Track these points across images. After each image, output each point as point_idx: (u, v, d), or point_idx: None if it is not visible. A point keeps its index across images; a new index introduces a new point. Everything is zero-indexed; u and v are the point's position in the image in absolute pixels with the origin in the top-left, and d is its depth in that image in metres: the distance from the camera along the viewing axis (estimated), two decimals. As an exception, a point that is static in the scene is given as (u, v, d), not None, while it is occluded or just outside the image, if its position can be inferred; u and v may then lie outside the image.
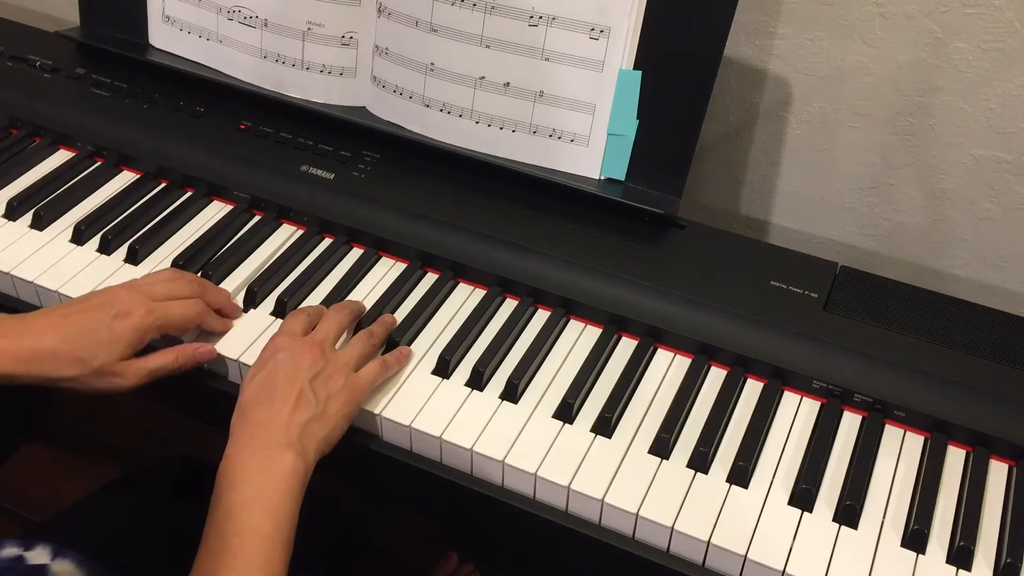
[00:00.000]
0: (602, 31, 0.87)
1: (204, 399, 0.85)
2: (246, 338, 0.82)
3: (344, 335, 0.81)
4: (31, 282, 0.87)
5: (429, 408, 0.78)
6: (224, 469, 0.68)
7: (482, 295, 0.88)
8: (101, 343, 0.74)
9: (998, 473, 0.76)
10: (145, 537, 0.93)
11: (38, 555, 0.81)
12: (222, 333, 0.82)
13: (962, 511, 0.72)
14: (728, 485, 0.74)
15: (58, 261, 0.89)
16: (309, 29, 0.97)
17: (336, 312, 0.80)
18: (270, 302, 0.86)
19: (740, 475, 0.74)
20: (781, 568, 0.68)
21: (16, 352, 0.72)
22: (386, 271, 0.90)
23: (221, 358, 0.81)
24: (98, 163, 1.01)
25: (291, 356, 0.74)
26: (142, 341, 0.77)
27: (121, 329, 0.75)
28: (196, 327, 0.81)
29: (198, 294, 0.81)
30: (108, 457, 1.46)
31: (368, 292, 0.88)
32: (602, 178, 0.92)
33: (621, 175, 0.91)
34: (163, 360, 0.77)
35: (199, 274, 0.87)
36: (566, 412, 0.78)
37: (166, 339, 0.80)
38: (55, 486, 1.45)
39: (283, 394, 0.71)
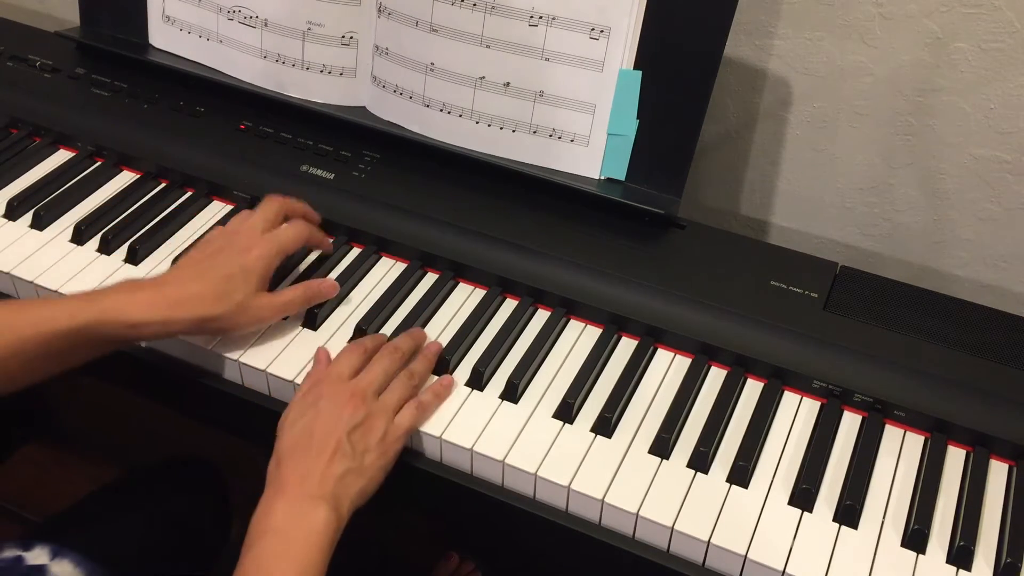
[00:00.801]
0: (602, 31, 0.87)
1: (204, 399, 0.85)
2: (246, 338, 0.82)
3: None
4: (31, 282, 0.87)
5: (429, 408, 0.78)
6: (258, 517, 0.68)
7: (482, 295, 0.88)
8: (237, 279, 0.77)
9: (998, 473, 0.76)
10: (144, 538, 0.93)
11: (37, 556, 0.81)
12: (327, 248, 0.89)
13: (962, 511, 0.72)
14: (728, 485, 0.74)
15: (58, 261, 0.89)
16: (309, 29, 0.97)
17: (386, 358, 0.78)
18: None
19: (740, 475, 0.74)
20: (781, 568, 0.68)
21: (167, 299, 0.75)
22: (386, 271, 0.90)
23: (221, 357, 0.81)
24: (98, 163, 1.01)
25: (332, 406, 0.73)
26: (269, 270, 0.80)
27: (250, 263, 0.78)
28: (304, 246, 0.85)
29: (290, 211, 0.85)
30: (108, 457, 1.46)
31: (368, 292, 0.88)
32: (602, 178, 0.92)
33: (621, 175, 0.91)
34: (294, 294, 0.81)
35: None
36: (566, 412, 0.78)
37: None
38: (55, 486, 1.45)
39: (321, 446, 0.70)
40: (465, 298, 0.88)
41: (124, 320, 0.73)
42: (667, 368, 0.82)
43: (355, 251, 0.92)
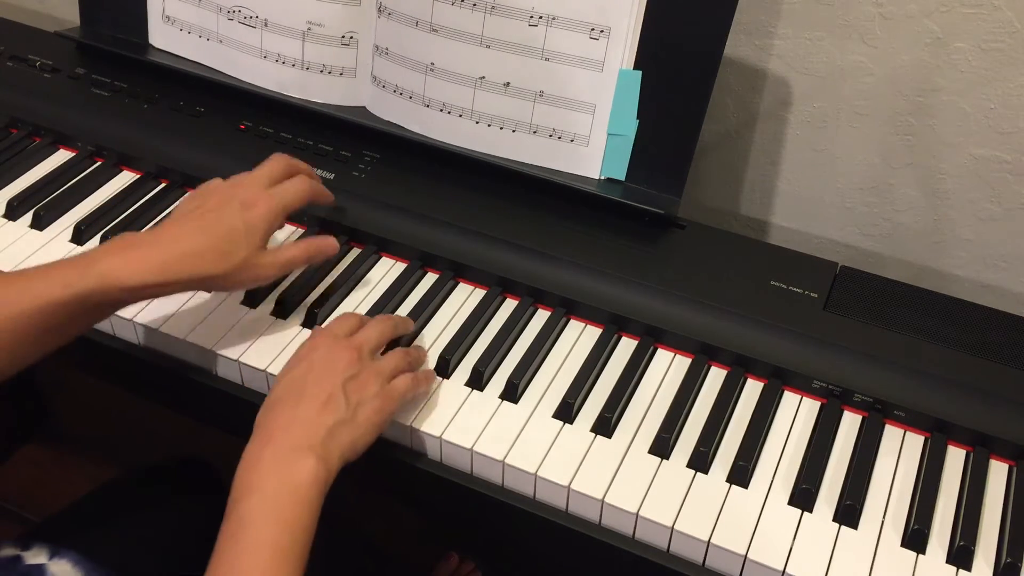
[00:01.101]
0: (602, 31, 0.87)
1: (204, 399, 0.85)
2: (245, 338, 0.82)
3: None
4: (31, 282, 0.87)
5: (429, 408, 0.78)
6: (242, 469, 0.66)
7: (482, 295, 0.88)
8: (239, 236, 0.75)
9: (998, 473, 0.76)
10: (143, 538, 0.93)
11: (35, 555, 0.81)
12: (331, 203, 0.87)
13: (962, 511, 0.72)
14: (728, 485, 0.74)
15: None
16: (309, 29, 0.97)
17: (380, 322, 0.78)
18: (270, 302, 0.86)
19: (740, 475, 0.74)
20: (781, 568, 0.68)
21: (165, 257, 0.72)
22: (386, 271, 0.90)
23: (221, 357, 0.81)
24: (98, 163, 1.01)
25: (327, 355, 0.72)
26: (273, 227, 0.78)
27: (253, 219, 0.76)
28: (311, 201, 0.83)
29: (294, 170, 0.83)
30: (108, 457, 1.46)
31: (368, 292, 0.88)
32: (602, 178, 0.92)
33: (621, 175, 0.91)
34: (295, 252, 0.79)
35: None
36: (566, 412, 0.78)
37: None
38: (55, 486, 1.45)
39: (312, 393, 0.69)
40: (465, 298, 0.88)
41: (122, 285, 0.70)
42: (667, 368, 0.82)
43: (355, 251, 0.92)
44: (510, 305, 0.87)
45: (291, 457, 0.66)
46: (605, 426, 0.77)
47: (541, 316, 0.86)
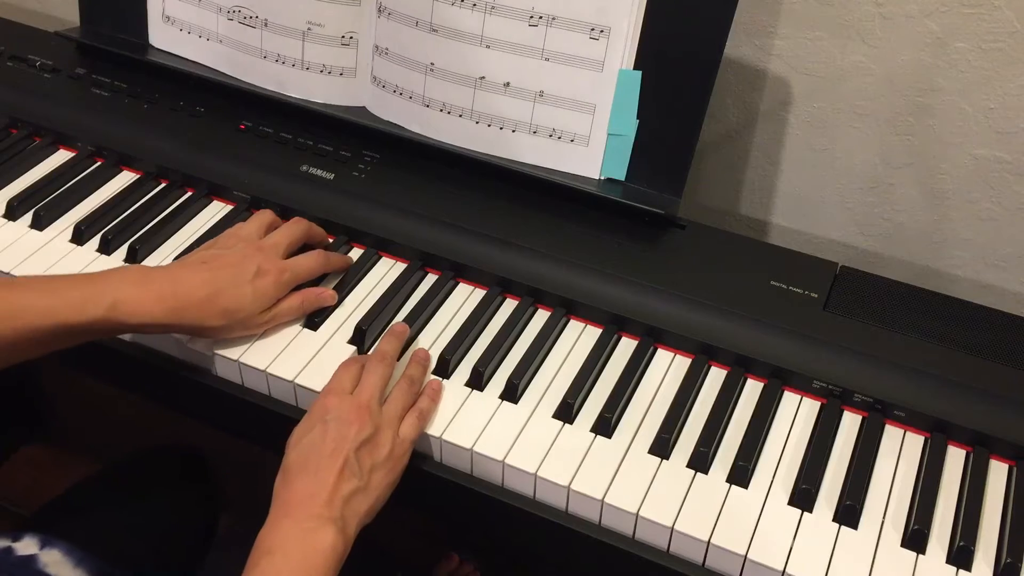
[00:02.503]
0: (602, 31, 0.87)
1: (204, 399, 0.85)
2: (246, 339, 0.82)
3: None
4: (31, 282, 0.87)
5: (429, 408, 0.78)
6: (263, 535, 0.67)
7: (482, 295, 0.88)
8: (246, 299, 0.78)
9: (998, 473, 0.76)
10: (133, 526, 0.93)
11: (26, 546, 0.81)
12: (346, 268, 0.89)
13: (962, 511, 0.72)
14: (728, 485, 0.74)
15: (58, 261, 0.89)
16: (309, 29, 0.97)
17: (378, 365, 0.77)
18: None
19: (740, 475, 0.74)
20: (781, 568, 0.68)
21: (175, 301, 0.75)
22: (386, 271, 0.90)
23: (221, 358, 0.81)
24: (98, 163, 1.01)
25: (338, 422, 0.72)
26: (278, 296, 0.81)
27: (263, 287, 0.79)
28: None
29: (311, 238, 0.87)
30: (108, 457, 1.46)
31: (368, 292, 0.88)
32: (602, 178, 0.92)
33: (621, 175, 0.91)
34: (292, 304, 0.82)
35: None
36: (566, 412, 0.78)
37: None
38: (55, 486, 1.45)
39: (328, 464, 0.69)
40: (465, 298, 0.88)
41: (129, 320, 0.74)
42: (667, 368, 0.82)
43: (355, 251, 0.92)
44: (510, 305, 0.87)
45: (312, 527, 0.67)
46: (605, 426, 0.77)
47: (541, 316, 0.86)
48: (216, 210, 0.96)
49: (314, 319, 0.84)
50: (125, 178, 0.99)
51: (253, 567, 0.65)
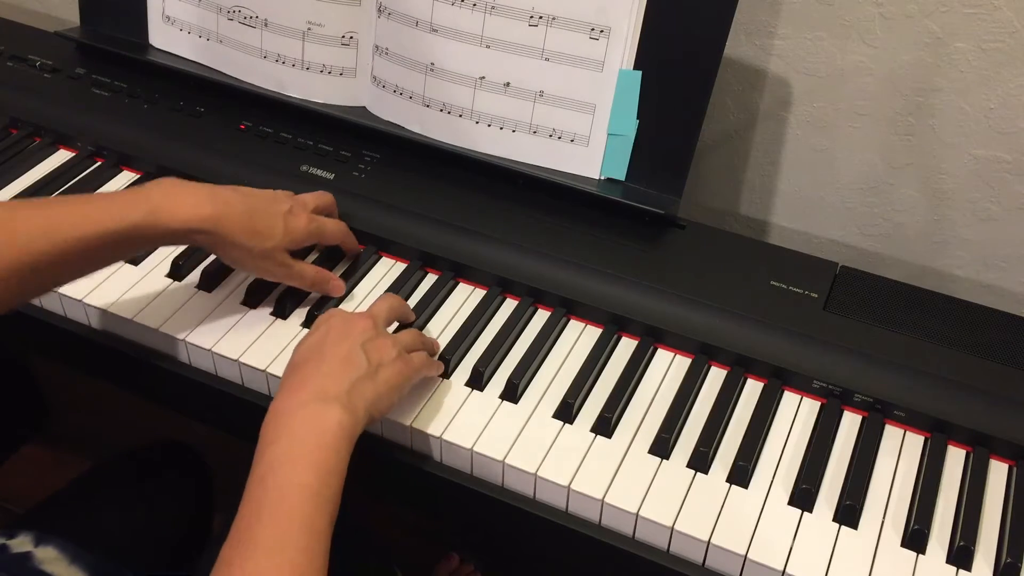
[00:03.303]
0: (602, 31, 0.87)
1: (203, 399, 0.85)
2: (247, 339, 0.82)
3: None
4: (31, 282, 0.87)
5: (429, 408, 0.78)
6: (268, 421, 0.67)
7: (482, 295, 0.88)
8: (278, 228, 0.79)
9: (998, 473, 0.76)
10: (127, 521, 0.93)
11: (21, 543, 0.82)
12: (357, 253, 0.90)
13: (962, 511, 0.72)
14: (728, 485, 0.74)
15: (58, 261, 0.89)
16: (309, 29, 0.97)
17: (389, 297, 0.80)
18: (270, 303, 0.86)
19: (740, 475, 0.74)
20: (781, 568, 0.68)
21: (213, 211, 0.75)
22: (386, 271, 0.90)
23: (221, 357, 0.81)
24: (98, 163, 1.01)
25: (343, 321, 0.74)
26: (304, 243, 0.82)
27: (293, 225, 0.80)
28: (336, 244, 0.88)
29: (332, 210, 0.88)
30: (107, 457, 1.46)
31: (368, 292, 0.88)
32: (602, 178, 0.92)
33: (621, 175, 0.91)
34: (305, 271, 0.83)
35: (199, 275, 0.87)
36: (566, 412, 0.78)
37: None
38: (55, 486, 1.45)
39: (332, 352, 0.71)
40: (465, 298, 0.88)
41: (168, 224, 0.74)
42: (667, 368, 0.82)
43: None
44: (510, 305, 0.87)
45: (317, 406, 0.67)
46: (605, 426, 0.77)
47: (541, 316, 0.86)
48: (216, 210, 0.96)
49: (314, 314, 0.84)
50: (125, 178, 0.99)
51: (261, 456, 0.65)
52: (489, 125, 0.93)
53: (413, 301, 0.87)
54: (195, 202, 0.75)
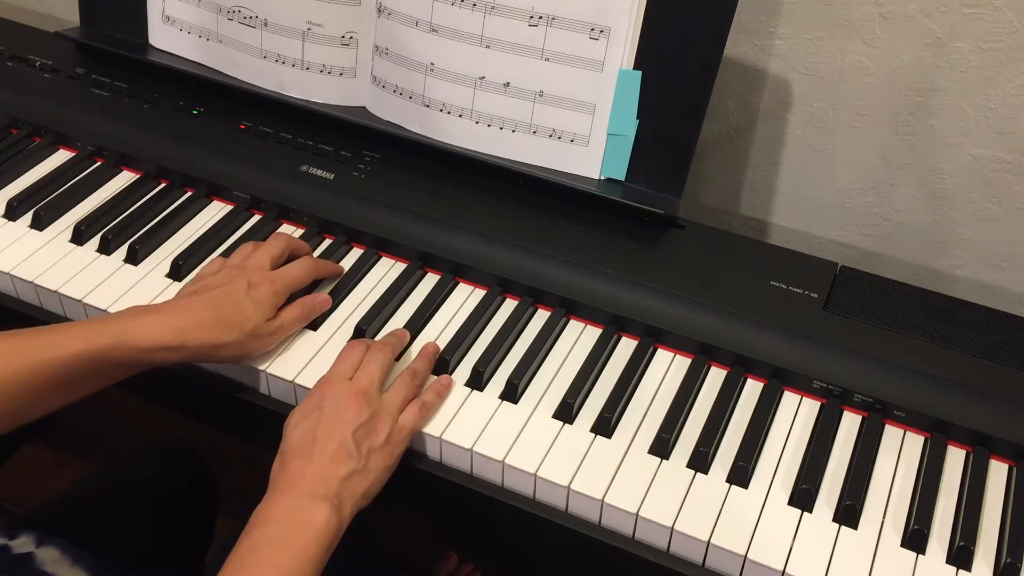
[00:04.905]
0: (602, 31, 0.87)
1: (203, 399, 0.85)
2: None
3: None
4: (31, 282, 0.87)
5: (429, 408, 0.78)
6: (258, 510, 0.68)
7: (482, 295, 0.88)
8: (248, 310, 0.78)
9: (998, 473, 0.76)
10: (129, 522, 0.93)
11: (23, 544, 0.81)
12: (337, 275, 0.88)
13: (962, 511, 0.72)
14: (728, 485, 0.74)
15: (58, 261, 0.89)
16: (309, 29, 0.97)
17: (379, 352, 0.78)
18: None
19: (740, 475, 0.74)
20: (781, 568, 0.68)
21: (180, 323, 0.75)
22: (386, 271, 0.90)
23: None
24: (98, 163, 1.01)
25: (335, 406, 0.72)
26: (277, 305, 0.81)
27: (260, 296, 0.79)
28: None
29: (295, 250, 0.86)
30: (108, 458, 1.46)
31: (368, 292, 0.88)
32: (602, 178, 0.92)
33: (621, 175, 0.91)
34: (294, 313, 0.81)
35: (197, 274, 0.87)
36: (566, 412, 0.78)
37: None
38: (55, 486, 1.45)
39: (323, 446, 0.70)
40: (465, 298, 0.88)
41: (137, 345, 0.73)
42: (667, 368, 0.82)
43: (355, 251, 0.92)
44: (510, 305, 0.87)
45: (306, 503, 0.67)
46: (605, 426, 0.77)
47: (541, 316, 0.86)
48: (216, 210, 0.96)
49: (316, 322, 0.84)
50: (125, 178, 0.99)
51: (246, 536, 0.66)
52: (489, 125, 0.93)
53: (413, 301, 0.87)
54: (160, 320, 0.74)
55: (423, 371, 0.79)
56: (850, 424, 0.79)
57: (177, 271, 0.88)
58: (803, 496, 0.72)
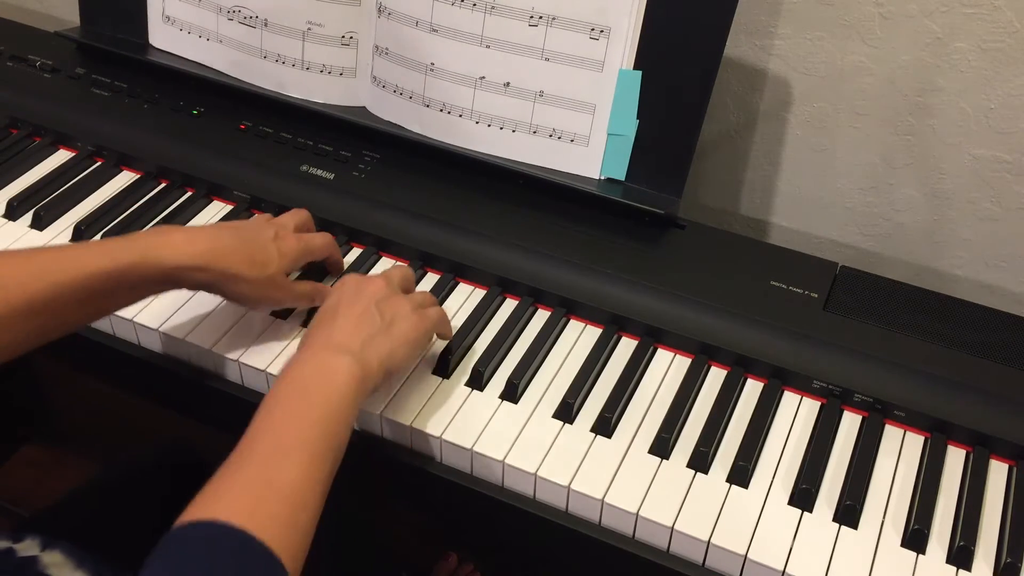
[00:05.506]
0: (602, 31, 0.87)
1: (203, 399, 0.85)
2: (247, 338, 0.82)
3: None
4: (31, 282, 0.87)
5: (429, 408, 0.78)
6: (282, 372, 0.68)
7: (482, 295, 0.88)
8: (273, 254, 0.78)
9: (998, 473, 0.76)
10: (133, 525, 0.93)
11: (28, 547, 0.81)
12: (341, 268, 0.89)
13: (962, 511, 0.72)
14: (728, 485, 0.74)
15: (58, 261, 0.89)
16: (309, 29, 0.97)
17: (401, 266, 0.81)
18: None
19: (740, 475, 0.74)
20: (781, 568, 0.68)
21: (206, 247, 0.75)
22: (386, 271, 0.90)
23: (221, 358, 0.81)
24: (98, 163, 1.01)
25: (357, 283, 0.76)
26: (297, 264, 0.82)
27: (285, 248, 0.80)
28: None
29: (310, 226, 0.87)
30: (108, 457, 1.46)
31: (368, 292, 0.88)
32: (602, 178, 0.92)
33: (621, 175, 0.91)
34: (306, 288, 0.82)
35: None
36: (566, 412, 0.78)
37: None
38: (55, 486, 1.45)
39: (347, 311, 0.72)
40: (465, 298, 0.88)
41: (162, 262, 0.73)
42: (667, 368, 0.82)
43: (355, 251, 0.92)
44: (510, 305, 0.87)
45: (328, 355, 0.68)
46: (605, 426, 0.77)
47: (541, 316, 0.86)
48: (216, 210, 0.96)
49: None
50: (125, 178, 0.99)
51: (271, 394, 0.66)
52: (489, 125, 0.93)
53: (413, 301, 0.87)
54: (187, 239, 0.75)
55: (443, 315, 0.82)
56: (850, 424, 0.79)
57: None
58: (803, 496, 0.72)
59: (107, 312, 0.76)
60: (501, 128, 0.93)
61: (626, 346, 0.84)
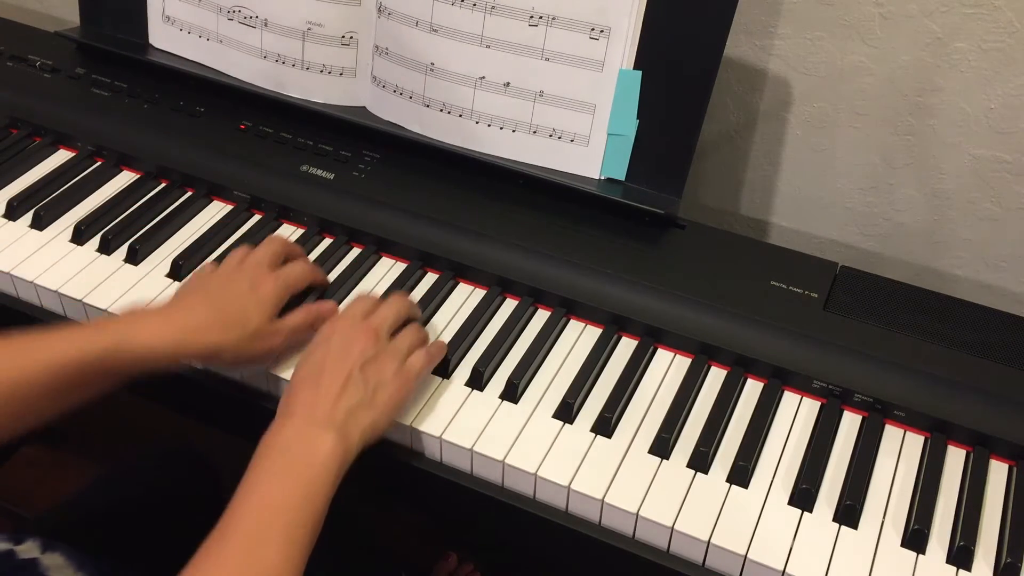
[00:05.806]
0: (602, 31, 0.87)
1: (205, 399, 0.85)
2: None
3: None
4: (31, 282, 0.87)
5: (429, 408, 0.78)
6: (265, 438, 0.68)
7: (482, 295, 0.88)
8: (251, 308, 0.77)
9: (998, 473, 0.76)
10: (134, 528, 0.93)
11: (28, 549, 0.81)
12: (326, 284, 0.87)
13: (962, 511, 0.72)
14: (728, 485, 0.74)
15: (58, 261, 0.89)
16: (309, 29, 0.97)
17: (396, 301, 0.80)
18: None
19: (740, 475, 0.74)
20: (781, 568, 0.68)
21: (179, 325, 0.74)
22: (386, 271, 0.90)
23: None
24: (98, 163, 1.01)
25: (343, 339, 0.74)
26: (279, 304, 0.79)
27: (263, 295, 0.78)
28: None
29: (290, 253, 0.85)
30: (108, 457, 1.46)
31: (368, 292, 0.88)
32: (602, 178, 0.92)
33: (621, 175, 0.91)
34: (300, 318, 0.80)
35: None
36: (566, 412, 0.78)
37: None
38: (55, 486, 1.45)
39: (331, 377, 0.71)
40: (465, 298, 0.88)
41: (137, 348, 0.72)
42: (667, 368, 0.82)
43: (355, 251, 0.92)
44: (510, 305, 0.87)
45: (312, 432, 0.68)
46: (605, 426, 0.77)
47: (541, 316, 0.86)
48: (216, 210, 0.96)
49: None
50: (125, 178, 0.99)
51: (254, 466, 0.66)
52: (489, 125, 0.93)
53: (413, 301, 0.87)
54: (161, 322, 0.73)
55: (426, 334, 0.80)
56: (850, 424, 0.79)
57: (177, 271, 0.88)
58: (803, 496, 0.72)
59: (84, 401, 0.72)
60: (501, 128, 0.93)
61: (626, 346, 0.84)
